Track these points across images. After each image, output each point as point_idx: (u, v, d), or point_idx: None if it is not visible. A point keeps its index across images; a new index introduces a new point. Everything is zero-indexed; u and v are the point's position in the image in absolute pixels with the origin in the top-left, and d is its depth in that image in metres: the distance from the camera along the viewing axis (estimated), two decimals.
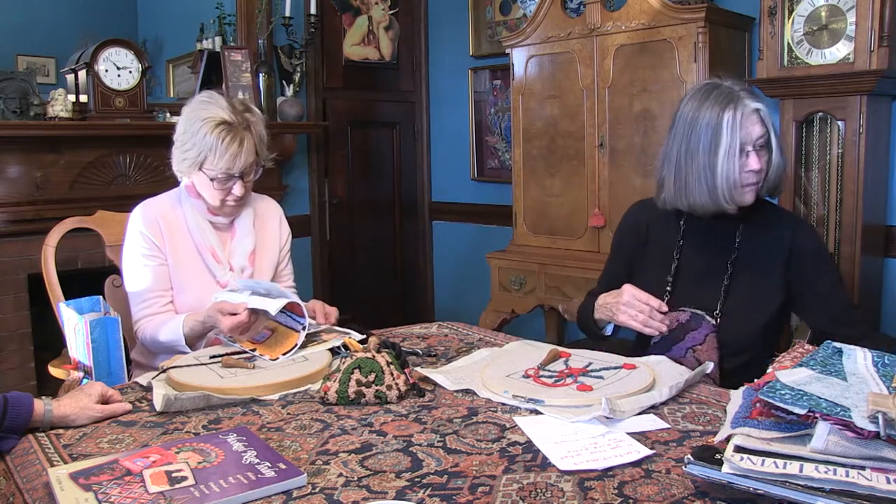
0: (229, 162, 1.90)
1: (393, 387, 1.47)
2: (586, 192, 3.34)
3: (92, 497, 1.05)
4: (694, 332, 1.76)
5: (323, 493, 1.09)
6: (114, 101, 3.34)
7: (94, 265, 3.11)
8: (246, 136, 1.92)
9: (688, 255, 1.87)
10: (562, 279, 3.39)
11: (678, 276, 1.86)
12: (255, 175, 2.00)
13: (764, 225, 1.82)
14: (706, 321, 1.76)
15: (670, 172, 1.78)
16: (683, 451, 1.20)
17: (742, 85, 1.75)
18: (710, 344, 1.75)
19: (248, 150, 1.93)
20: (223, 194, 1.95)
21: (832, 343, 1.25)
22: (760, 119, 1.70)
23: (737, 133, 1.68)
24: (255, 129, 1.96)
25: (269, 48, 4.00)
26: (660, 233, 1.92)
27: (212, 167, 1.91)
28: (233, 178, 1.93)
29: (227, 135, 1.89)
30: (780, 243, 1.79)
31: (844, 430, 0.96)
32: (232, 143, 1.89)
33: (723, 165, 1.69)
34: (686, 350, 1.76)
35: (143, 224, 1.97)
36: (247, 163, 1.93)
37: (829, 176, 2.76)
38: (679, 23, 2.96)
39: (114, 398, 1.46)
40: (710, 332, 1.75)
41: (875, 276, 2.91)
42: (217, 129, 1.89)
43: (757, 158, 1.70)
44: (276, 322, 1.84)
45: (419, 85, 4.80)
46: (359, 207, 4.62)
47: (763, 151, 1.72)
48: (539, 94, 3.48)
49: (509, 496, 1.06)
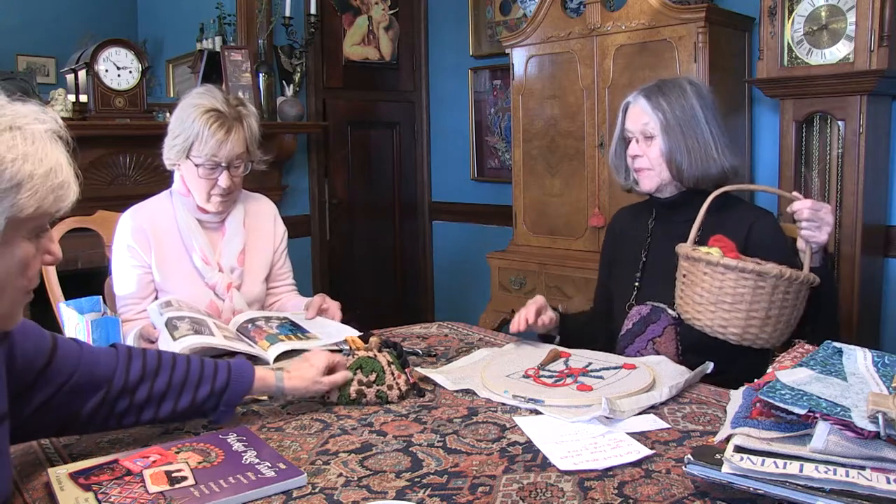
0: (215, 148, 1.89)
1: (394, 387, 1.46)
2: (586, 192, 3.34)
3: (92, 497, 1.05)
4: (654, 324, 1.78)
5: (323, 493, 1.09)
6: (114, 101, 3.34)
7: (94, 265, 3.11)
8: (235, 126, 1.92)
9: (654, 251, 1.93)
10: (562, 279, 3.39)
11: (645, 271, 1.92)
12: (245, 170, 1.98)
13: (725, 220, 1.84)
14: (666, 314, 1.77)
15: None
16: (683, 451, 1.20)
17: (664, 79, 1.92)
18: (669, 336, 1.76)
19: (236, 140, 1.92)
20: (209, 185, 1.93)
21: (832, 343, 1.25)
22: (647, 111, 1.85)
23: (623, 121, 1.92)
24: (247, 122, 1.96)
25: (269, 48, 4.00)
26: (632, 233, 2.01)
27: (198, 153, 1.90)
28: (219, 167, 1.92)
29: (216, 122, 1.89)
30: (737, 237, 1.79)
31: (844, 430, 0.96)
32: (219, 129, 1.89)
33: (615, 149, 1.96)
34: (647, 342, 1.78)
35: (130, 233, 1.96)
36: (233, 153, 1.92)
37: (829, 176, 2.76)
38: (679, 23, 2.96)
39: (339, 366, 1.47)
40: (668, 325, 1.76)
41: (875, 277, 2.91)
42: (206, 115, 1.90)
43: (636, 146, 1.88)
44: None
45: (419, 85, 4.80)
46: (359, 207, 4.62)
47: (650, 142, 1.85)
48: (539, 94, 3.48)
49: (509, 496, 1.06)
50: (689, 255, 1.61)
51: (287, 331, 1.85)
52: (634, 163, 1.90)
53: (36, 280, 1.04)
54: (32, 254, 1.01)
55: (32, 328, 1.17)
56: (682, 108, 1.83)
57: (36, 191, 0.96)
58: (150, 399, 1.26)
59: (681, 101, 1.84)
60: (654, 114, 1.84)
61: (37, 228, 1.01)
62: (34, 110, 1.00)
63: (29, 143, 0.96)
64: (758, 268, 1.51)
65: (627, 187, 1.99)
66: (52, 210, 1.00)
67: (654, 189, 1.89)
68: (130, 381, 1.24)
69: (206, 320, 1.75)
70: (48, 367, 1.16)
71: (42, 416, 1.17)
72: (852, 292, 2.71)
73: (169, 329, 1.68)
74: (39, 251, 1.03)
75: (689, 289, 1.61)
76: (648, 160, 1.86)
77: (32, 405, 1.16)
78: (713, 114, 1.85)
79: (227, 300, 1.98)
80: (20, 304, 1.04)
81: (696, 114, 1.83)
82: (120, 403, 1.24)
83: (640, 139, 1.87)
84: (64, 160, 1.01)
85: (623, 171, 1.98)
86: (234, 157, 1.93)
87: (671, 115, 1.83)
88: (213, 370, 1.32)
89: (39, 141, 0.98)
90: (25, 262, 1.00)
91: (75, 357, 1.20)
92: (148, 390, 1.26)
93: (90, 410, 1.21)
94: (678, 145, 1.82)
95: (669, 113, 1.83)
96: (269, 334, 1.80)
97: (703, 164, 1.82)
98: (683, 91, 1.85)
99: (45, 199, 0.97)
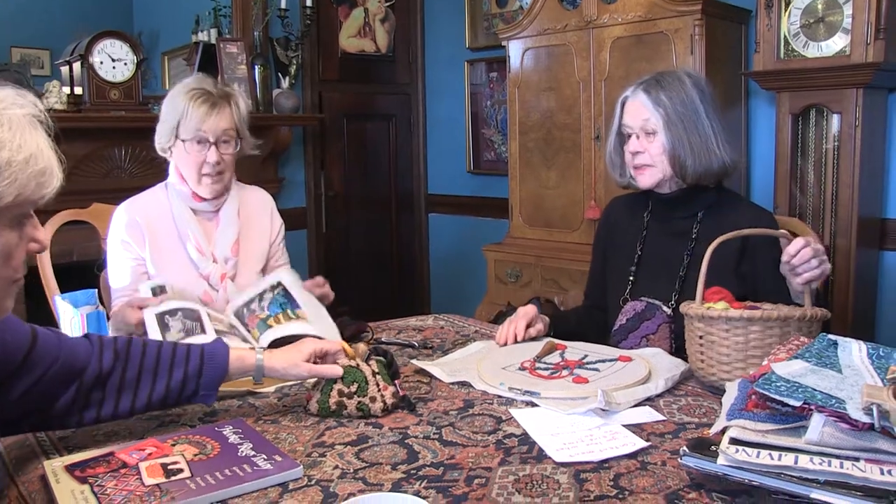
0: (199, 121, 1.90)
1: (377, 399, 1.36)
2: (582, 184, 3.34)
3: (87, 489, 1.05)
4: (648, 321, 1.78)
5: (319, 486, 1.09)
6: (109, 94, 3.32)
7: (90, 258, 3.09)
8: (221, 103, 1.94)
9: (650, 245, 1.90)
10: (558, 271, 3.40)
11: (640, 265, 1.89)
12: (235, 148, 1.98)
13: (723, 217, 1.80)
14: (661, 311, 1.77)
15: None
16: (679, 442, 1.20)
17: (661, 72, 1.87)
18: (663, 334, 1.76)
19: (222, 115, 1.93)
20: (198, 162, 1.93)
21: (827, 335, 1.25)
22: (647, 107, 1.80)
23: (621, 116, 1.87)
24: (235, 101, 1.98)
25: (265, 40, 3.99)
26: (627, 225, 1.97)
27: (185, 130, 1.92)
28: (206, 142, 1.92)
29: (200, 97, 1.92)
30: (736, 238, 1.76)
31: (839, 421, 0.96)
32: (204, 104, 1.91)
33: (613, 145, 1.91)
34: (640, 339, 1.78)
35: (124, 228, 1.96)
36: (219, 127, 1.93)
37: (824, 169, 2.76)
38: (675, 15, 2.96)
39: (329, 357, 1.43)
40: (663, 322, 1.76)
41: (871, 269, 2.91)
42: (191, 93, 1.93)
43: (637, 142, 1.82)
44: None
45: (415, 77, 4.79)
46: (355, 200, 4.61)
47: (652, 138, 1.80)
48: (535, 86, 3.47)
49: (505, 488, 1.07)
50: (704, 316, 1.47)
51: (278, 307, 1.84)
52: (634, 159, 1.84)
53: (22, 269, 1.03)
54: (16, 242, 0.99)
55: (11, 320, 1.16)
56: (682, 103, 1.78)
57: (15, 178, 0.94)
58: (122, 386, 1.25)
59: (681, 95, 1.78)
60: (656, 109, 1.78)
61: (19, 216, 0.99)
62: (11, 94, 0.98)
63: (6, 130, 0.94)
64: (783, 314, 1.43)
65: (624, 184, 1.94)
66: (34, 197, 0.98)
67: (654, 185, 1.85)
68: (104, 369, 1.23)
69: (199, 311, 1.75)
70: (28, 358, 1.15)
71: (22, 406, 1.17)
72: (848, 285, 2.71)
73: (161, 328, 1.67)
74: (24, 239, 1.01)
75: (711, 350, 1.47)
76: (650, 156, 1.81)
77: (13, 396, 1.15)
78: (713, 107, 1.81)
79: (221, 290, 1.97)
80: (7, 294, 1.02)
81: (696, 107, 1.78)
82: (95, 393, 1.23)
83: (641, 135, 1.82)
84: (45, 145, 0.99)
85: (619, 168, 1.93)
86: (221, 133, 1.94)
87: (672, 110, 1.77)
88: (185, 354, 1.31)
89: (17, 127, 0.96)
90: (8, 252, 0.99)
91: (54, 347, 1.19)
92: (120, 377, 1.25)
93: (68, 401, 1.20)
94: (680, 140, 1.77)
95: (671, 108, 1.77)
96: (261, 320, 1.80)
97: (705, 158, 1.77)
98: (683, 84, 1.80)
99: (25, 186, 0.96)
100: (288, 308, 1.85)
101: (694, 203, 1.83)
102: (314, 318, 1.84)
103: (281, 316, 1.81)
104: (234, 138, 1.97)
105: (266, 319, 1.80)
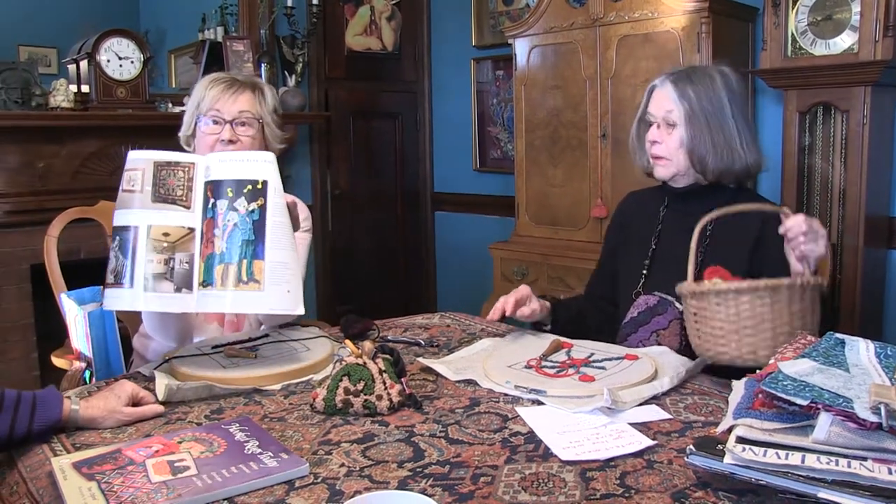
0: (213, 100, 1.88)
1: (384, 397, 1.36)
2: (589, 182, 3.33)
3: (95, 486, 1.06)
4: (660, 316, 1.77)
5: (325, 483, 1.09)
6: (115, 92, 3.33)
7: (97, 255, 3.11)
8: (242, 87, 1.92)
9: (665, 240, 1.89)
10: (564, 270, 3.39)
11: (654, 260, 1.88)
12: (254, 131, 1.91)
13: (737, 214, 1.80)
14: (673, 307, 1.76)
15: None
16: (685, 441, 1.20)
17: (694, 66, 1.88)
18: (673, 330, 1.75)
19: (243, 99, 1.90)
20: (212, 141, 1.87)
21: (834, 334, 1.25)
22: (672, 98, 1.79)
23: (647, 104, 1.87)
24: (261, 88, 1.95)
25: (272, 38, 4.00)
26: (642, 220, 1.96)
27: (201, 112, 1.90)
28: (221, 121, 1.88)
29: (223, 82, 1.91)
30: (749, 233, 1.77)
31: (846, 421, 0.96)
32: (226, 89, 1.90)
33: (636, 130, 1.92)
34: (651, 333, 1.77)
35: None
36: (235, 108, 1.88)
37: (832, 167, 2.75)
38: (682, 13, 2.95)
39: (145, 399, 1.40)
40: (674, 318, 1.75)
41: (878, 268, 2.90)
42: (213, 79, 1.93)
43: (657, 131, 1.82)
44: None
45: (421, 75, 4.79)
46: (361, 198, 4.62)
47: (671, 129, 1.80)
48: (542, 84, 3.47)
49: (511, 486, 1.06)
50: (695, 292, 1.50)
51: (237, 249, 1.55)
52: (652, 148, 1.84)
53: None
54: None
55: None
56: (709, 100, 1.77)
57: None
58: None
59: (709, 92, 1.77)
60: (680, 102, 1.78)
61: None
62: None
63: None
64: (770, 283, 1.44)
65: (648, 170, 1.92)
66: None
67: (669, 177, 1.85)
68: None
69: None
70: None
71: None
72: (855, 283, 2.70)
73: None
74: None
75: (705, 325, 1.49)
76: (666, 148, 1.81)
77: None
78: (740, 107, 1.80)
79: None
80: None
81: (723, 105, 1.77)
82: None
83: (662, 125, 1.82)
84: None
85: (639, 153, 1.93)
86: (237, 113, 1.89)
87: (697, 106, 1.77)
88: (14, 401, 1.25)
89: None
90: None
91: None
92: None
93: None
94: (702, 137, 1.76)
95: (696, 103, 1.77)
96: (209, 254, 1.56)
97: (727, 157, 1.76)
98: (713, 81, 1.79)
99: None
100: (246, 256, 1.55)
101: (710, 199, 1.80)
102: (270, 275, 1.54)
103: (228, 271, 1.54)
104: (252, 121, 1.91)
105: (211, 260, 1.55)
